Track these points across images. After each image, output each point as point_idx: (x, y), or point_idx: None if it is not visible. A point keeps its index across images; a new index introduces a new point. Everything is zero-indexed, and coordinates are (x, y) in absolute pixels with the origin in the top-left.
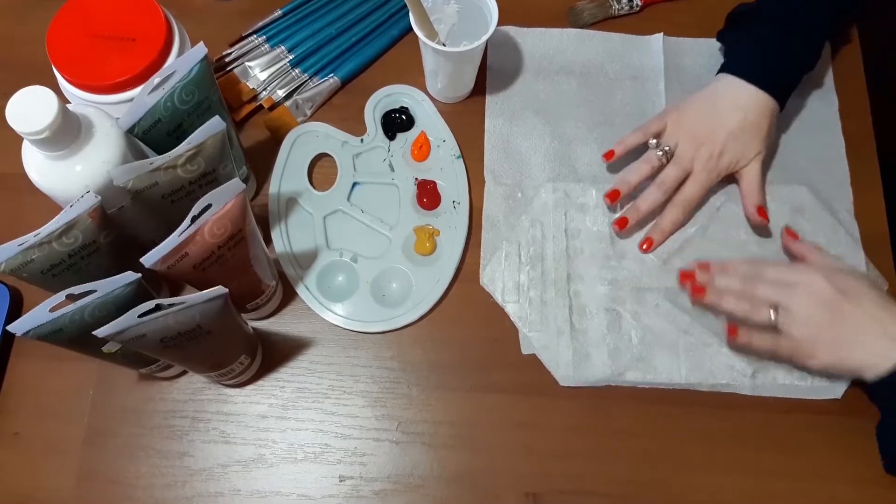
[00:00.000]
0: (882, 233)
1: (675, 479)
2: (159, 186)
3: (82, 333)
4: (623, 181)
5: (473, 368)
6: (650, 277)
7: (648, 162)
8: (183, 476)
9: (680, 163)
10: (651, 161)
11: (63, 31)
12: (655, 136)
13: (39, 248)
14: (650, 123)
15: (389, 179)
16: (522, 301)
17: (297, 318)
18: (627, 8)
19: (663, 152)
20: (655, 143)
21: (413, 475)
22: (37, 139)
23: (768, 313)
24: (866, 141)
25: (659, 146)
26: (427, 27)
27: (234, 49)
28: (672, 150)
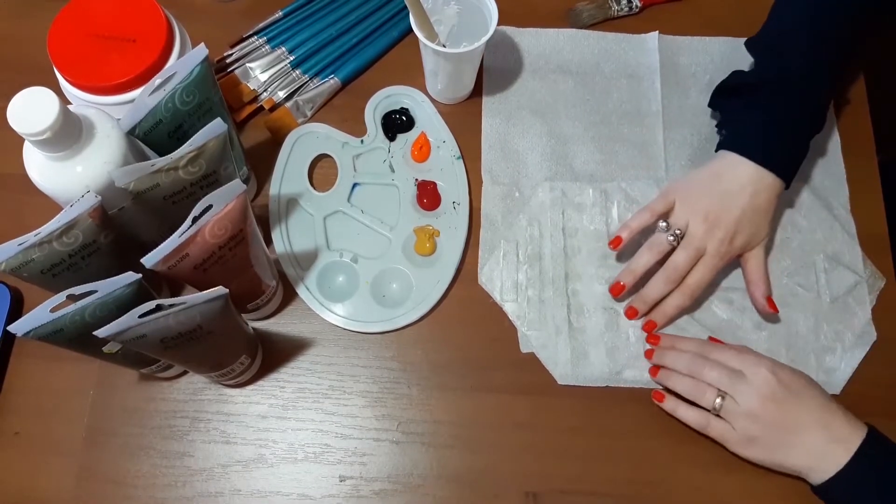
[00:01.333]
0: (880, 231)
1: (675, 479)
2: (160, 188)
3: (83, 334)
4: (629, 272)
5: (473, 368)
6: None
7: (657, 247)
8: (183, 476)
9: (691, 245)
10: (660, 246)
11: (64, 31)
12: (663, 216)
13: (40, 248)
14: (656, 203)
15: (390, 180)
16: (521, 300)
17: (298, 318)
18: (627, 9)
19: (674, 236)
20: (665, 225)
21: (413, 475)
22: (38, 140)
23: (713, 399)
24: (865, 139)
25: (669, 229)
26: (427, 28)
27: (235, 50)
28: (683, 232)
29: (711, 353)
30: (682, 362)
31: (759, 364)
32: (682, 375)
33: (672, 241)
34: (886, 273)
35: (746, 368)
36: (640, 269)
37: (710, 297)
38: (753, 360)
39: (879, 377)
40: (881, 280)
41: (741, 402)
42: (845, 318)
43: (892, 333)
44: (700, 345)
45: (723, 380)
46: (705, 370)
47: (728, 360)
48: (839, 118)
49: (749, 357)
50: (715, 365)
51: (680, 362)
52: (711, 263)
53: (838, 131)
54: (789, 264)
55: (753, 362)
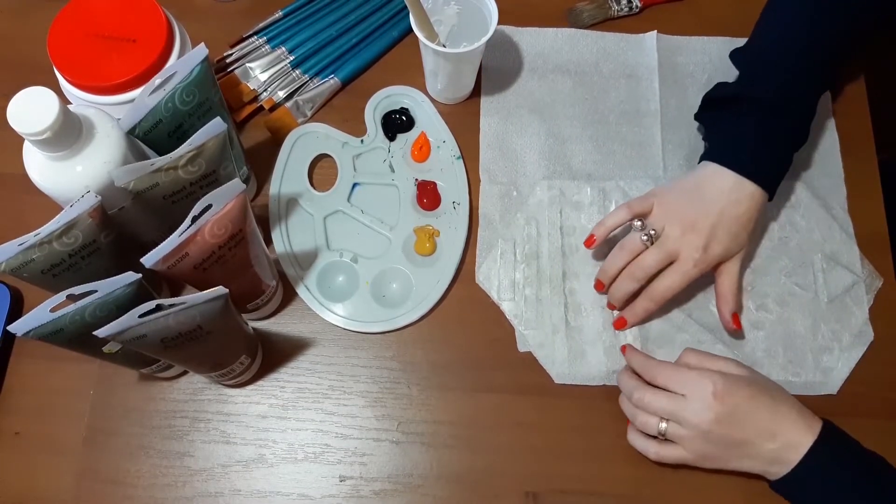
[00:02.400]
0: (879, 231)
1: (674, 479)
2: (160, 187)
3: (83, 333)
4: (603, 271)
5: (473, 368)
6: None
7: (629, 246)
8: (183, 476)
9: (663, 247)
10: (633, 245)
11: (64, 31)
12: (640, 216)
13: (40, 248)
14: (634, 202)
15: (390, 180)
16: (518, 299)
17: (298, 318)
18: (627, 9)
19: (648, 236)
20: (640, 224)
21: (413, 475)
22: (38, 140)
23: (657, 425)
24: (864, 139)
25: (644, 228)
26: (427, 28)
27: (235, 50)
28: (658, 233)
29: (656, 378)
30: (626, 390)
31: (699, 386)
32: (628, 402)
33: (645, 241)
34: (886, 273)
35: (689, 391)
36: (613, 270)
37: (707, 297)
38: (694, 382)
39: (877, 377)
40: (879, 280)
41: (687, 426)
42: (843, 317)
43: (889, 333)
44: (642, 366)
45: (664, 407)
46: (645, 400)
47: (670, 383)
48: (838, 118)
49: (690, 378)
50: (655, 392)
51: (625, 390)
52: (683, 269)
53: (837, 131)
54: (787, 263)
55: (695, 384)
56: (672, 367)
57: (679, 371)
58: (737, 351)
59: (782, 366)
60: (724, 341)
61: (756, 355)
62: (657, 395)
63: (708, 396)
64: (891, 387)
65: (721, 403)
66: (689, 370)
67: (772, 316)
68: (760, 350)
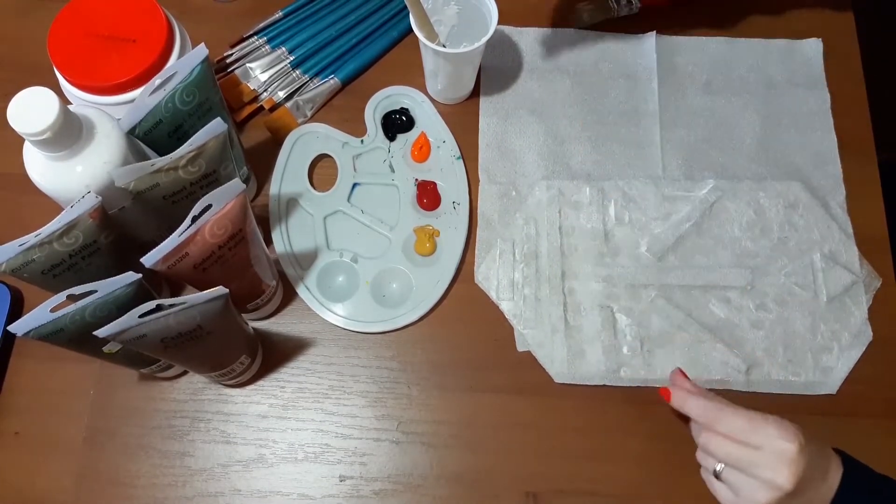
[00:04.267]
0: (879, 231)
1: (674, 479)
2: (160, 187)
3: (83, 333)
4: None
5: (473, 368)
6: (644, 274)
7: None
8: (183, 476)
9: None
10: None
11: (64, 31)
12: None
13: (40, 249)
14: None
15: (390, 180)
16: (517, 299)
17: (298, 318)
18: (627, 10)
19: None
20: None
21: (413, 475)
22: (38, 140)
23: (714, 464)
24: (863, 139)
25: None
26: (427, 28)
27: (235, 50)
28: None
29: (717, 426)
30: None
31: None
32: None
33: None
34: (885, 273)
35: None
36: None
37: (707, 297)
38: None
39: (876, 377)
40: (877, 280)
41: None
42: (842, 317)
43: (888, 333)
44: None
45: (732, 456)
46: (710, 446)
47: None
48: (838, 118)
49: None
50: (721, 440)
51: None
52: None
53: (836, 131)
54: (786, 263)
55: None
56: (738, 414)
57: (747, 419)
58: (737, 350)
59: (782, 365)
60: (724, 341)
61: (756, 355)
62: (723, 441)
63: (792, 451)
64: (890, 386)
65: (805, 457)
66: (762, 417)
67: (771, 315)
68: (760, 350)
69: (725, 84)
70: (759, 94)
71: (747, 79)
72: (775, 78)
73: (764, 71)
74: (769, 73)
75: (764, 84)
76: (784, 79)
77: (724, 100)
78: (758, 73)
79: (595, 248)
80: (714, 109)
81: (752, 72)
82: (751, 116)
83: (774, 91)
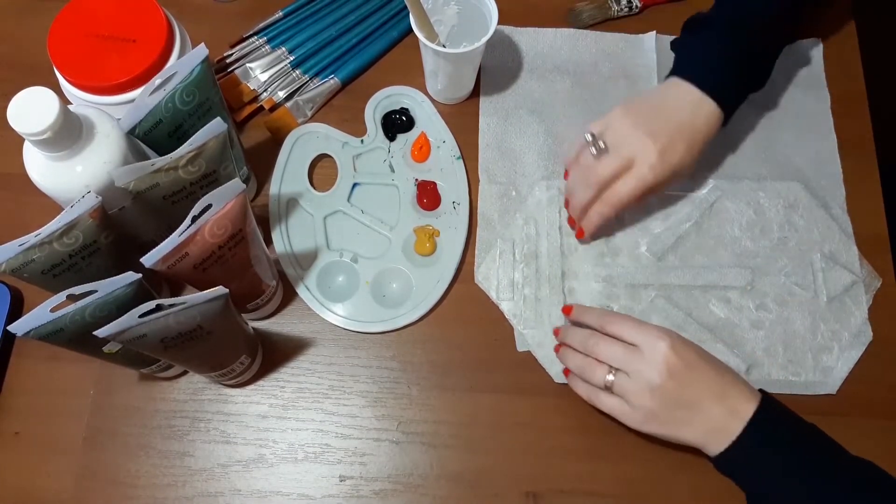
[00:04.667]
0: (879, 231)
1: (674, 479)
2: (160, 187)
3: (83, 333)
4: (569, 193)
5: (473, 368)
6: (644, 274)
7: (584, 161)
8: (183, 476)
9: (620, 152)
10: (585, 159)
11: (64, 31)
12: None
13: (40, 249)
14: (594, 123)
15: (389, 180)
16: (517, 298)
17: (298, 318)
18: (627, 9)
19: (598, 149)
20: (592, 137)
21: (413, 475)
22: (38, 140)
23: (604, 376)
24: (865, 139)
25: (595, 141)
26: (427, 28)
27: (235, 50)
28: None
29: (609, 326)
30: (578, 338)
31: (658, 338)
32: (576, 352)
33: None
34: (885, 273)
35: (645, 343)
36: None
37: (707, 297)
38: (654, 334)
39: (876, 377)
40: (877, 280)
41: (637, 378)
42: (842, 317)
43: (888, 333)
44: (599, 317)
45: (617, 356)
46: (599, 347)
47: (625, 334)
48: (838, 118)
49: (649, 331)
50: (610, 341)
51: (576, 338)
52: (639, 174)
53: (835, 131)
54: (786, 263)
55: (654, 336)
56: (627, 318)
57: (635, 323)
58: (737, 350)
59: (782, 365)
60: (724, 341)
61: (756, 355)
62: (611, 343)
63: (664, 349)
64: (890, 387)
65: (677, 358)
66: (644, 323)
67: (771, 315)
68: (760, 349)
69: None
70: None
71: None
72: (775, 78)
73: None
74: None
75: None
76: (784, 79)
77: None
78: None
79: (595, 248)
80: None
81: None
82: (751, 116)
83: (774, 91)
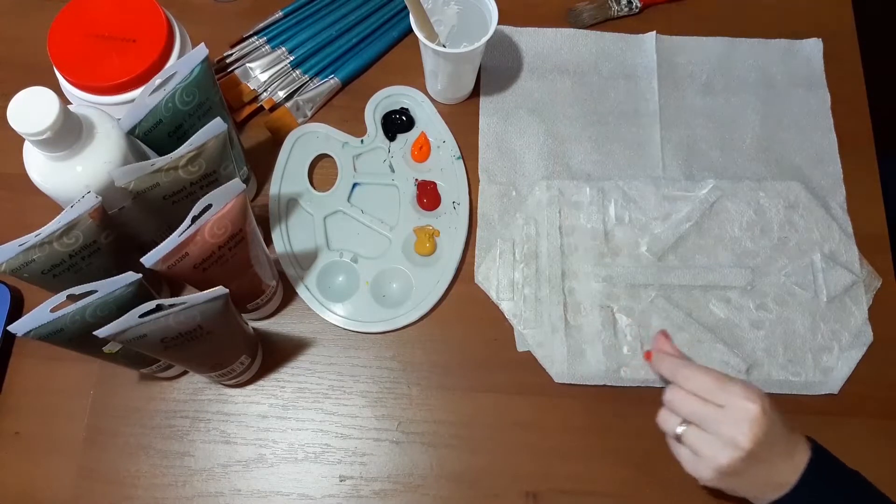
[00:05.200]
0: (879, 231)
1: (674, 479)
2: (160, 187)
3: (83, 333)
4: None
5: (473, 368)
6: (644, 274)
7: None
8: (183, 476)
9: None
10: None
11: (64, 31)
12: None
13: (40, 249)
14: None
15: (390, 180)
16: (517, 298)
17: (298, 318)
18: (627, 9)
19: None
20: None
21: (413, 475)
22: (38, 140)
23: (675, 425)
24: (863, 139)
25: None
26: (427, 28)
27: (235, 50)
28: None
29: (686, 384)
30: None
31: (748, 400)
32: None
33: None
34: (885, 273)
35: (732, 404)
36: None
37: (707, 297)
38: (742, 395)
39: (876, 377)
40: (878, 280)
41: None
42: (842, 317)
43: (888, 333)
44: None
45: (695, 413)
46: (675, 403)
47: (705, 393)
48: (838, 118)
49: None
50: (686, 397)
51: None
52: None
53: (836, 131)
54: (786, 263)
55: (742, 397)
56: (707, 375)
57: (717, 381)
58: (737, 350)
59: (782, 365)
60: (724, 341)
61: (756, 355)
62: (687, 399)
63: (755, 413)
64: (891, 387)
65: (765, 419)
66: (727, 380)
67: (771, 315)
68: (760, 350)
69: (725, 84)
70: (759, 94)
71: (747, 79)
72: (775, 78)
73: (764, 71)
74: (769, 73)
75: (764, 84)
76: (784, 79)
77: (724, 100)
78: (758, 73)
79: (595, 248)
80: (714, 109)
81: (752, 72)
82: (751, 116)
83: (774, 91)
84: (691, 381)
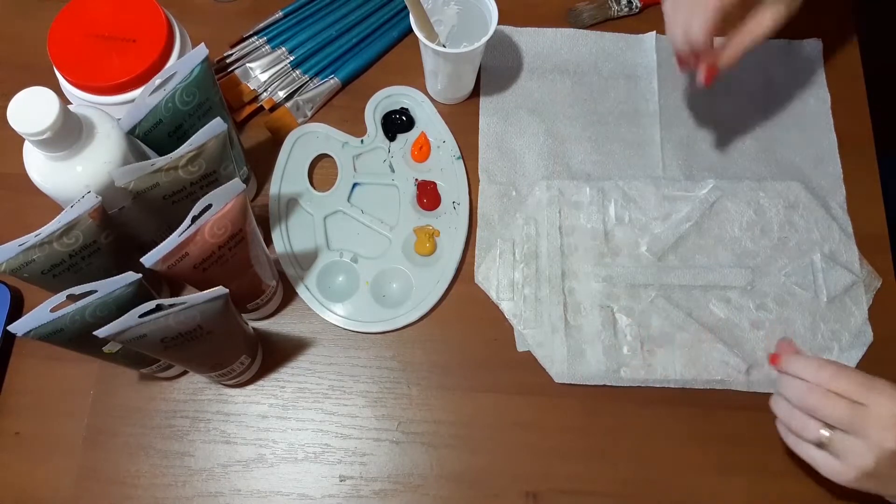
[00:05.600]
0: (879, 231)
1: (674, 479)
2: (160, 187)
3: (83, 333)
4: None
5: (473, 368)
6: (645, 274)
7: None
8: (183, 476)
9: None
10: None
11: (64, 31)
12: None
13: (40, 249)
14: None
15: (390, 180)
16: (517, 298)
17: (298, 318)
18: (627, 9)
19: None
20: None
21: (413, 475)
22: (38, 140)
23: (817, 431)
24: (863, 138)
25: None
26: (427, 28)
27: (235, 50)
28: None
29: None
30: (795, 393)
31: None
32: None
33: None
34: (885, 273)
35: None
36: None
37: (707, 297)
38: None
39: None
40: (878, 280)
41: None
42: (842, 317)
43: (888, 333)
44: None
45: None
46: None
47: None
48: (838, 118)
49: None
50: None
51: (793, 392)
52: None
53: (836, 131)
54: (786, 263)
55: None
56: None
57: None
58: (737, 350)
59: None
60: (724, 341)
61: (756, 355)
62: (834, 401)
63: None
64: None
65: None
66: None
67: (771, 315)
68: (760, 349)
69: (725, 84)
70: (759, 94)
71: (747, 79)
72: (775, 78)
73: (764, 71)
74: (769, 73)
75: (764, 84)
76: (784, 79)
77: (724, 100)
78: (758, 73)
79: (595, 248)
80: (714, 109)
81: (751, 72)
82: (751, 116)
83: (774, 91)
84: (838, 381)
